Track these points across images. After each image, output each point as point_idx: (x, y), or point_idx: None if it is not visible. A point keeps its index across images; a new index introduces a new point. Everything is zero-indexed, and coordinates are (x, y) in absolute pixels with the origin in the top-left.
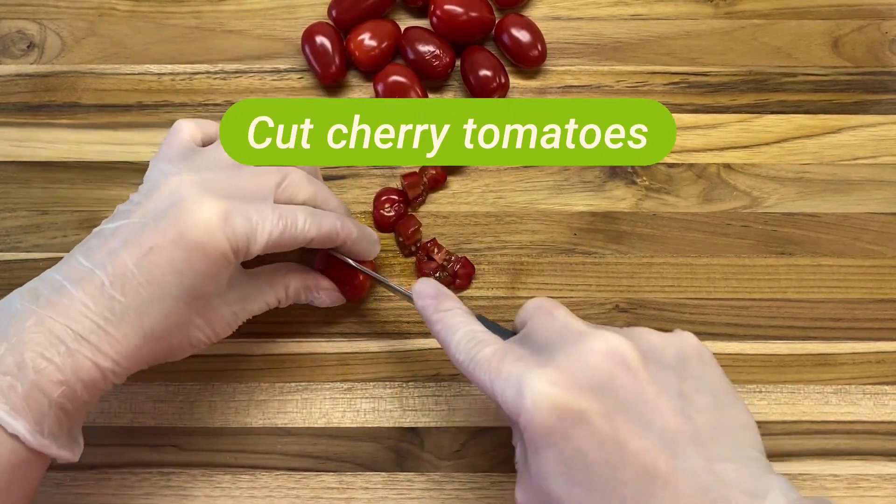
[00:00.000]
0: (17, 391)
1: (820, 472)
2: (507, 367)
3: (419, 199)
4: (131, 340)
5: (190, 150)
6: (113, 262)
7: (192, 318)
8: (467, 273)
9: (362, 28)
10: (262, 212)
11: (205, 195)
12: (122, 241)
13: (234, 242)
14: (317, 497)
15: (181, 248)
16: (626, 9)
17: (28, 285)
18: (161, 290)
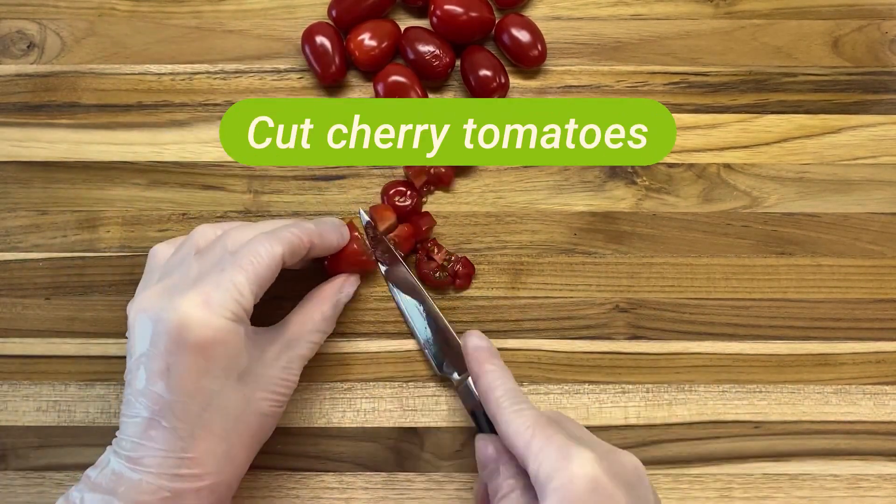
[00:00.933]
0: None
1: (820, 472)
2: (553, 434)
3: (426, 189)
4: (216, 450)
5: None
6: (150, 399)
7: (251, 394)
8: (467, 273)
9: (362, 28)
10: (227, 269)
11: (175, 299)
12: (142, 379)
13: (229, 313)
14: (317, 497)
15: (190, 354)
16: (626, 9)
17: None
18: (204, 395)
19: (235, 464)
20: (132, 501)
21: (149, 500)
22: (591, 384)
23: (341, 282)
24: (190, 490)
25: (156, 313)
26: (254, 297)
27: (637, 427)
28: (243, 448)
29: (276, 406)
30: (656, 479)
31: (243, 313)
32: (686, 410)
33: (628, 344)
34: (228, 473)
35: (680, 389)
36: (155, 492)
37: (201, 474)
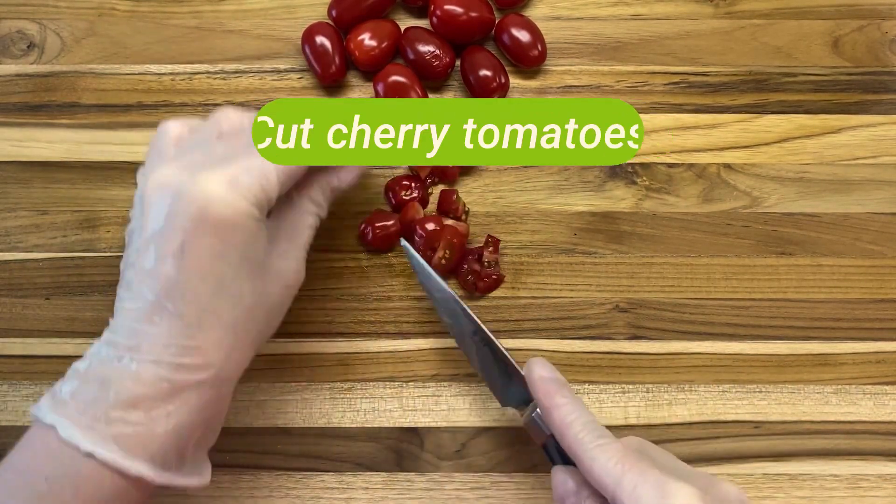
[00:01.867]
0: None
1: (820, 472)
2: (646, 469)
3: (430, 180)
4: (221, 339)
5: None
6: (158, 281)
7: (262, 285)
8: (493, 285)
9: (362, 28)
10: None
11: (197, 173)
12: (152, 257)
13: (253, 198)
14: (317, 497)
15: (209, 233)
16: (626, 9)
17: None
18: (216, 279)
19: (239, 359)
20: (127, 394)
21: (145, 392)
22: (591, 384)
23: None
24: (191, 382)
25: (177, 188)
26: (279, 189)
27: (637, 427)
28: (249, 343)
29: (287, 301)
30: None
31: (266, 203)
32: (686, 410)
33: (628, 344)
34: (231, 369)
35: (680, 389)
36: (153, 383)
37: (204, 365)
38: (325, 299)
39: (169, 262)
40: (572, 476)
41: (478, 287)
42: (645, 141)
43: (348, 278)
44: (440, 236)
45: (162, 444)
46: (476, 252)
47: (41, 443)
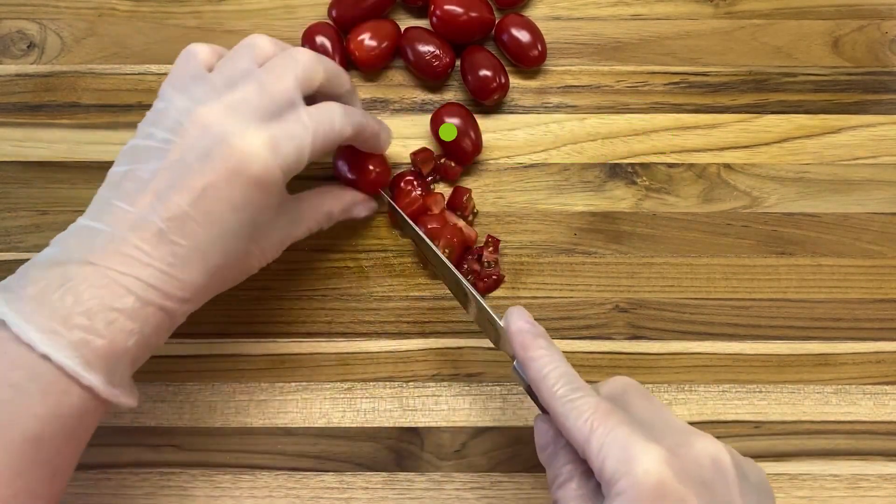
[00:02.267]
0: (89, 344)
1: (820, 472)
2: (614, 427)
3: (433, 178)
4: (196, 279)
5: (203, 75)
6: (167, 207)
7: (250, 248)
8: (493, 286)
9: (362, 28)
10: (302, 124)
11: (245, 127)
12: (169, 183)
13: (286, 168)
14: (317, 497)
15: (238, 186)
16: (626, 9)
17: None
18: (221, 228)
19: (200, 302)
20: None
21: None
22: (591, 384)
23: (362, 199)
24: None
25: (222, 134)
26: (307, 162)
27: None
28: (213, 290)
29: (255, 267)
30: None
31: (292, 173)
32: (686, 410)
33: (628, 344)
34: (190, 308)
35: (680, 389)
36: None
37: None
38: (325, 299)
39: (186, 195)
40: (552, 425)
41: (478, 287)
42: (645, 141)
43: (348, 278)
44: (441, 234)
45: (119, 360)
46: (476, 252)
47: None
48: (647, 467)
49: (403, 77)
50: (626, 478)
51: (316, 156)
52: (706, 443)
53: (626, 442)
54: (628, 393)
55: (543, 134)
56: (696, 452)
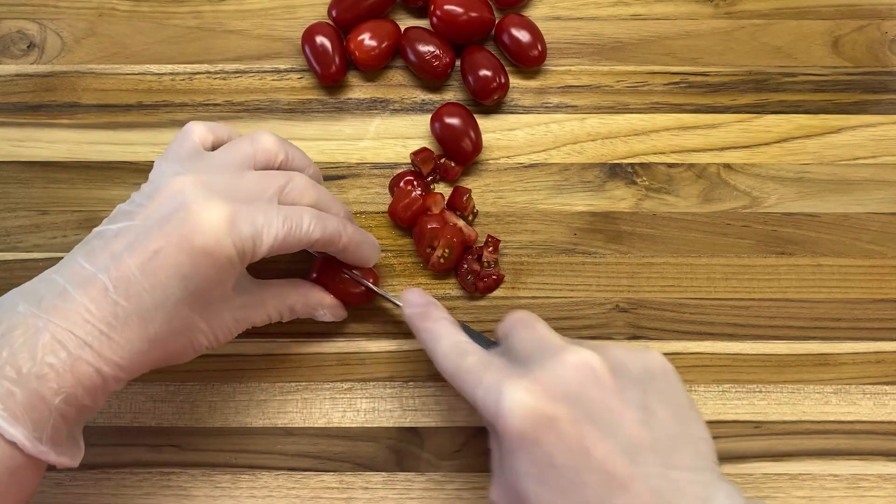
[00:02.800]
0: (16, 397)
1: (820, 472)
2: (488, 377)
3: (433, 178)
4: (135, 345)
5: (197, 153)
6: (117, 266)
7: (196, 322)
8: (493, 286)
9: (362, 28)
10: (268, 214)
11: (210, 198)
12: (126, 244)
13: (241, 247)
14: (317, 497)
15: (187, 253)
16: (626, 9)
17: (28, 286)
18: (165, 294)
19: (139, 369)
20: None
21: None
22: None
23: (329, 301)
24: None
25: (186, 201)
26: (266, 253)
27: None
28: (154, 360)
29: (205, 346)
30: None
31: (248, 257)
32: None
33: (628, 344)
34: (130, 373)
35: None
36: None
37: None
38: None
39: (137, 257)
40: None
41: (478, 287)
42: (645, 141)
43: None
44: (441, 235)
45: (48, 416)
46: (476, 252)
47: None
48: (510, 404)
49: (403, 77)
50: (498, 420)
51: (279, 249)
52: (569, 355)
53: (496, 387)
54: (514, 328)
55: (543, 134)
56: (559, 368)
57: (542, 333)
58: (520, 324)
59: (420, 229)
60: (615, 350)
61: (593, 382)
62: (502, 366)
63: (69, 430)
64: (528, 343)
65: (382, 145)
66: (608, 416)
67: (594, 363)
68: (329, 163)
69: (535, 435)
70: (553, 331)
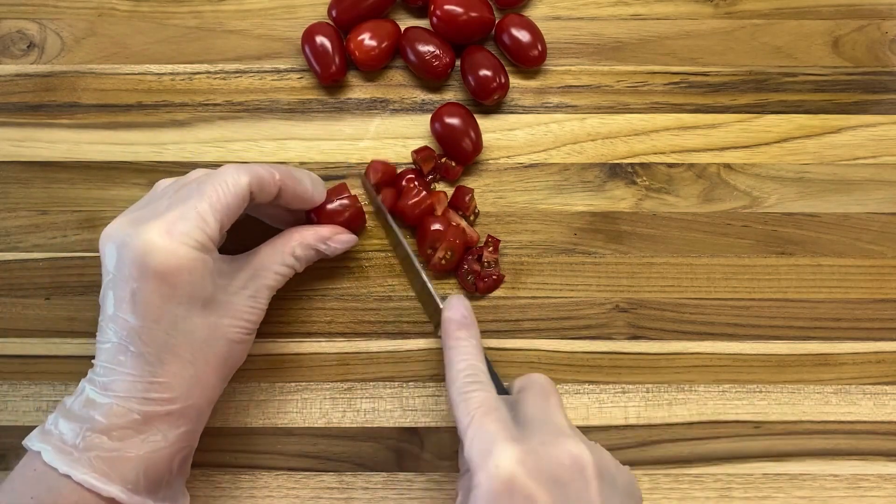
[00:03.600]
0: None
1: (820, 472)
2: (487, 423)
3: (433, 176)
4: (183, 372)
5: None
6: (119, 325)
7: (216, 321)
8: (493, 286)
9: (362, 28)
10: (192, 200)
11: (139, 227)
12: (112, 305)
13: (192, 241)
14: (317, 497)
15: (154, 279)
16: (626, 9)
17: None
18: (169, 320)
19: (205, 388)
20: (104, 426)
21: (119, 423)
22: (591, 384)
23: (328, 232)
24: (160, 413)
25: (121, 240)
26: (219, 226)
27: (637, 427)
28: (212, 373)
29: (242, 333)
30: (656, 479)
31: (208, 241)
32: (686, 410)
33: (628, 344)
34: (198, 397)
35: (680, 389)
36: (125, 415)
37: (171, 398)
38: (325, 299)
39: (125, 309)
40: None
41: (478, 287)
42: (645, 141)
43: (348, 278)
44: (443, 237)
45: (134, 467)
46: (476, 252)
47: (30, 467)
48: (498, 463)
49: (403, 77)
50: (481, 471)
51: (226, 218)
52: (571, 444)
53: (490, 438)
54: (529, 390)
55: (543, 134)
56: (557, 452)
57: (553, 409)
58: (537, 387)
59: (423, 230)
60: (607, 456)
61: (581, 478)
62: (504, 419)
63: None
64: (537, 411)
65: (382, 145)
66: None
67: (586, 459)
68: (329, 163)
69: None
70: (564, 409)
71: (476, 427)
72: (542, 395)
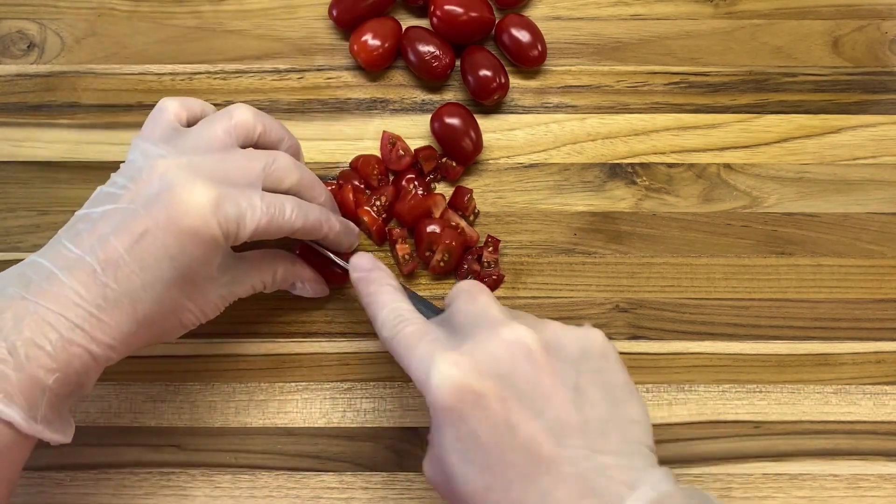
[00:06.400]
0: (10, 379)
1: (820, 472)
2: (422, 347)
3: (433, 177)
4: (124, 327)
5: (174, 131)
6: (104, 249)
7: (184, 301)
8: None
9: (365, 28)
10: (252, 199)
11: (195, 180)
12: (113, 226)
13: (226, 228)
14: (317, 497)
15: (174, 234)
16: (626, 9)
17: (14, 270)
18: (153, 275)
19: (128, 349)
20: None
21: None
22: None
23: (310, 276)
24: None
25: (172, 183)
26: (251, 235)
27: None
28: (142, 339)
29: (192, 323)
30: None
31: (233, 237)
32: (686, 410)
33: (628, 344)
34: (119, 353)
35: (680, 389)
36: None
37: (101, 340)
38: (325, 299)
39: (125, 239)
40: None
41: None
42: (645, 141)
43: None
44: (440, 239)
45: (41, 396)
46: (476, 252)
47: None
48: (438, 378)
49: (403, 77)
50: (427, 393)
51: (261, 234)
52: (505, 331)
53: (427, 358)
54: (458, 298)
55: (543, 134)
56: (492, 344)
57: (482, 306)
58: (463, 294)
59: (420, 232)
60: (553, 327)
61: (525, 360)
62: (438, 336)
63: (60, 408)
64: (467, 314)
65: None
66: (538, 396)
67: (529, 340)
68: (329, 163)
69: (462, 410)
70: (496, 303)
71: (413, 357)
72: (470, 298)
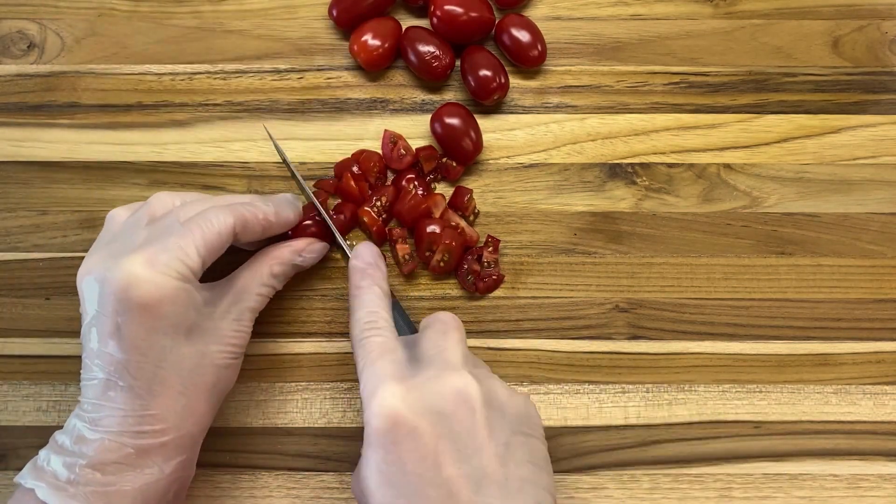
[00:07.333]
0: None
1: (820, 472)
2: (378, 365)
3: (434, 177)
4: (175, 403)
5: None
6: (105, 361)
7: (205, 348)
8: (492, 286)
9: (365, 28)
10: (175, 236)
11: (119, 260)
12: (95, 341)
13: (174, 272)
14: (317, 497)
15: (137, 312)
16: (626, 9)
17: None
18: (156, 351)
19: (197, 416)
20: (97, 461)
21: (113, 457)
22: (591, 384)
23: (302, 245)
24: (154, 446)
25: (101, 274)
26: (201, 259)
27: (637, 427)
28: (203, 401)
29: (229, 357)
30: (656, 479)
31: (190, 273)
32: (686, 410)
33: (628, 344)
34: (191, 426)
35: (680, 389)
36: (118, 449)
37: (164, 429)
38: (325, 299)
39: (110, 344)
40: None
41: (478, 287)
42: (645, 141)
43: None
44: (439, 239)
45: (131, 501)
46: (476, 252)
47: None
48: (381, 402)
49: (403, 77)
50: (368, 410)
51: (211, 254)
52: (455, 378)
53: (378, 378)
54: (430, 328)
55: (543, 134)
56: (441, 386)
57: (450, 344)
58: (438, 324)
59: (420, 233)
60: (498, 385)
61: (466, 408)
62: (397, 358)
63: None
64: (432, 346)
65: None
66: (470, 443)
67: (473, 393)
68: (329, 163)
69: (395, 437)
70: (462, 345)
71: (368, 370)
72: (442, 331)
